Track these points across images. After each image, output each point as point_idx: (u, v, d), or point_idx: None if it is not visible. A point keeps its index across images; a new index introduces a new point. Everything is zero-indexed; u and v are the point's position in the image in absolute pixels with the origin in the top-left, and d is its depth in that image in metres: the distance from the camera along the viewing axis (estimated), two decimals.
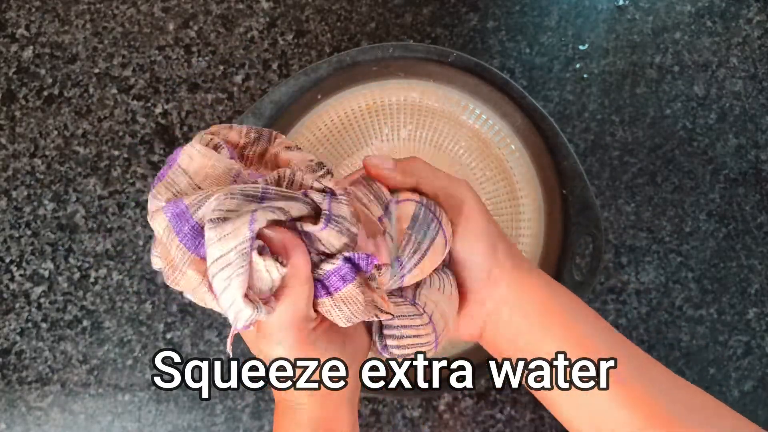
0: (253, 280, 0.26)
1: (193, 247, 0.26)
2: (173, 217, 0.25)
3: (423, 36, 0.62)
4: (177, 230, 0.25)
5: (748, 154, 0.61)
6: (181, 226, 0.25)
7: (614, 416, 0.30)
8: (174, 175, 0.27)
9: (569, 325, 0.33)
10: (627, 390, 0.30)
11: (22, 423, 0.56)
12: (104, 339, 0.57)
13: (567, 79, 0.61)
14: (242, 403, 0.57)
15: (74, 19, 0.62)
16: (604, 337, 0.33)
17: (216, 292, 0.26)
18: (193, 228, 0.25)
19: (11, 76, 0.61)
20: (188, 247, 0.26)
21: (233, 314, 0.26)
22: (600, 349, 0.32)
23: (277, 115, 0.50)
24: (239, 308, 0.25)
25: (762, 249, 0.59)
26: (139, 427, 0.56)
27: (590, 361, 0.31)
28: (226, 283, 0.25)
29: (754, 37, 0.63)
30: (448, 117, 0.54)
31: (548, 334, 0.33)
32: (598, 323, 0.34)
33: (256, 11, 0.62)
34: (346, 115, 0.54)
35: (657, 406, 0.29)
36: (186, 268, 0.26)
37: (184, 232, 0.25)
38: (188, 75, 0.61)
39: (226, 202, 0.25)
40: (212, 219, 0.25)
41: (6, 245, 0.59)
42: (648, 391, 0.30)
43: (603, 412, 0.31)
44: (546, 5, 0.63)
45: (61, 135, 0.60)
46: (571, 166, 0.50)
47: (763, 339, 0.58)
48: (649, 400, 0.30)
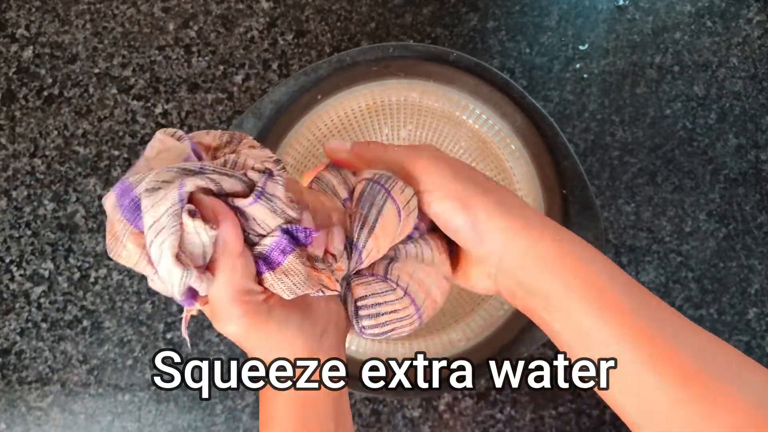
0: (184, 243, 0.27)
1: (132, 219, 0.27)
2: (119, 193, 0.27)
3: (423, 36, 0.62)
4: (120, 203, 0.27)
5: (748, 154, 0.61)
6: (123, 200, 0.27)
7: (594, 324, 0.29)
8: (137, 163, 0.29)
9: (582, 271, 0.31)
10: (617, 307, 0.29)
11: (22, 423, 0.56)
12: (104, 339, 0.57)
13: (567, 79, 0.61)
14: (242, 403, 0.57)
15: (74, 19, 0.62)
16: (617, 279, 0.31)
17: (154, 261, 0.27)
18: (132, 201, 0.27)
19: (11, 76, 0.61)
20: (128, 219, 0.27)
21: (168, 281, 0.27)
22: (615, 293, 0.30)
23: (277, 115, 0.50)
24: (170, 269, 0.26)
25: (762, 249, 0.59)
26: (139, 427, 0.56)
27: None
28: (160, 250, 0.26)
29: (754, 37, 0.63)
30: (448, 117, 0.54)
31: (562, 282, 0.31)
32: (608, 265, 0.32)
33: (256, 11, 0.62)
34: (346, 115, 0.54)
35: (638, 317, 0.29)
36: (126, 240, 0.27)
37: (125, 206, 0.27)
38: (188, 75, 0.61)
39: (163, 175, 0.27)
40: (147, 189, 0.26)
41: (6, 245, 0.59)
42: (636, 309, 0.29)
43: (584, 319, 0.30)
44: (546, 5, 0.63)
45: (61, 135, 0.60)
46: (571, 166, 0.50)
47: (763, 339, 0.58)
48: (630, 310, 0.29)
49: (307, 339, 0.32)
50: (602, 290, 0.30)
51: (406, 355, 0.50)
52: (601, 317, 0.30)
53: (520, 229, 0.32)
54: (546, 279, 0.31)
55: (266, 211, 0.28)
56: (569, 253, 0.31)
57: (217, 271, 0.28)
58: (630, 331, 0.29)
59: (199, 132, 0.31)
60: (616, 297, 0.30)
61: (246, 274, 0.28)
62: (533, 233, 0.32)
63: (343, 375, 0.32)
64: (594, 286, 0.30)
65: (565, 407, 0.57)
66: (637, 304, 0.30)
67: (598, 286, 0.30)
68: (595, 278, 0.31)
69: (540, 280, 0.32)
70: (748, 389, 0.27)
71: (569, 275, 0.31)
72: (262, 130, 0.50)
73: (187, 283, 0.26)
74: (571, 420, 0.57)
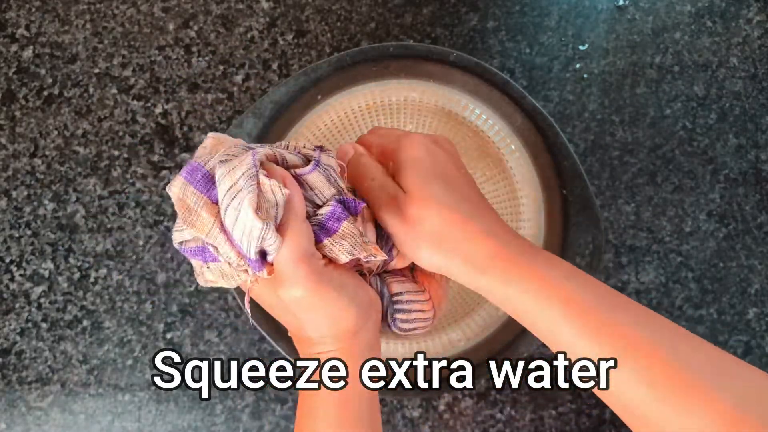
0: (260, 201, 0.29)
1: (205, 190, 0.29)
2: (187, 174, 0.30)
3: (423, 36, 0.62)
4: (190, 180, 0.29)
5: (748, 154, 0.61)
6: (194, 176, 0.30)
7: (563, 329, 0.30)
8: (196, 153, 0.32)
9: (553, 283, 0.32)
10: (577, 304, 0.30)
11: (22, 423, 0.56)
12: (104, 339, 0.57)
13: (567, 79, 0.61)
14: (242, 403, 0.57)
15: (74, 19, 0.62)
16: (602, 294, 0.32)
17: (228, 225, 0.29)
18: (204, 175, 0.30)
19: (11, 76, 0.61)
20: (200, 190, 0.29)
21: (246, 239, 0.29)
22: (599, 309, 0.31)
23: (277, 115, 0.50)
24: (252, 224, 0.28)
25: (762, 249, 0.59)
26: (139, 427, 0.56)
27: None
28: (237, 212, 0.28)
29: (754, 37, 0.63)
30: (448, 117, 0.54)
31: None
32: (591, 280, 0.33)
33: (256, 11, 0.62)
34: (346, 115, 0.54)
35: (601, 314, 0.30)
36: (200, 209, 0.29)
37: (197, 179, 0.29)
38: (188, 75, 0.61)
39: (232, 150, 0.30)
40: (220, 161, 0.29)
41: (6, 245, 0.59)
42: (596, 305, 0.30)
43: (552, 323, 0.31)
44: (546, 5, 0.63)
45: (61, 135, 0.60)
46: (571, 166, 0.50)
47: (763, 339, 0.58)
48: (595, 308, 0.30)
49: (359, 310, 0.33)
50: (571, 299, 0.31)
51: (406, 355, 0.50)
52: (577, 326, 0.31)
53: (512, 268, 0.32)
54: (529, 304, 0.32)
55: (322, 179, 0.32)
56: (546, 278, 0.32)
57: (285, 233, 0.30)
58: (599, 332, 0.30)
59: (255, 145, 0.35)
60: (582, 299, 0.31)
61: (309, 238, 0.31)
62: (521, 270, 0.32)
63: (383, 375, 0.34)
64: (570, 300, 0.31)
65: (565, 407, 0.57)
66: (597, 299, 0.31)
67: (573, 299, 0.31)
68: (571, 292, 0.31)
69: (524, 306, 0.32)
70: (725, 389, 0.28)
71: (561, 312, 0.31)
72: (262, 130, 0.50)
73: (264, 237, 0.28)
74: (571, 420, 0.57)
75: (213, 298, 0.58)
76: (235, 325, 0.57)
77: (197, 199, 0.29)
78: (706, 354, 0.30)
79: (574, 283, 0.31)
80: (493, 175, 0.54)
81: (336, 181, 0.32)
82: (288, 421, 0.56)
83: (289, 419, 0.56)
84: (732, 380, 0.28)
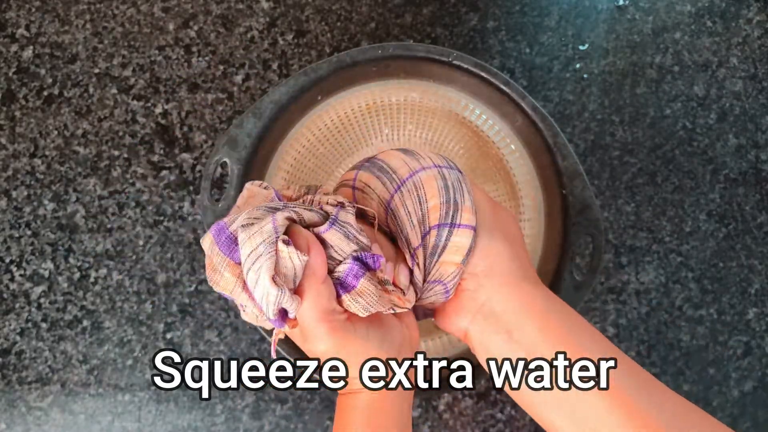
0: (279, 267, 0.30)
1: (228, 252, 0.31)
2: (215, 233, 0.32)
3: (423, 36, 0.62)
4: (217, 240, 0.31)
5: (748, 154, 0.61)
6: (219, 237, 0.31)
7: (604, 421, 0.30)
8: (231, 211, 0.34)
9: (563, 330, 0.33)
10: (619, 395, 0.30)
11: (22, 423, 0.56)
12: (104, 339, 0.57)
13: (567, 79, 0.61)
14: (242, 403, 0.57)
15: (74, 19, 0.62)
16: (598, 341, 0.33)
17: (249, 286, 0.31)
18: (228, 237, 0.31)
19: (11, 76, 0.61)
20: (224, 252, 0.31)
21: (264, 301, 0.30)
22: (593, 351, 0.32)
23: (278, 115, 0.50)
24: (267, 290, 0.30)
25: (762, 249, 0.59)
26: (139, 427, 0.56)
27: (590, 361, 0.31)
28: (257, 275, 0.30)
29: (754, 37, 0.63)
30: (448, 117, 0.54)
31: (545, 335, 0.33)
32: (592, 331, 0.34)
33: (256, 11, 0.62)
34: (346, 115, 0.54)
35: (647, 414, 0.30)
36: (223, 270, 0.31)
37: (222, 241, 0.31)
38: (188, 75, 0.61)
39: (254, 213, 0.32)
40: (242, 225, 0.31)
41: (6, 245, 0.59)
42: (639, 399, 0.30)
43: (593, 417, 0.31)
44: (546, 5, 0.63)
45: (61, 135, 0.60)
46: (571, 166, 0.50)
47: (763, 339, 0.58)
48: (639, 406, 0.30)
49: (389, 353, 0.35)
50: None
51: None
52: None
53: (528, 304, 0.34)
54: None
55: (340, 237, 0.33)
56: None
57: (305, 294, 0.31)
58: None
59: (281, 186, 0.35)
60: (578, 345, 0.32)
61: (330, 297, 0.32)
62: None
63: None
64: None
65: None
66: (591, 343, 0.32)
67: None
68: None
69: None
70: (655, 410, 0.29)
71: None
72: (262, 130, 0.50)
73: (280, 302, 0.30)
74: None
75: (213, 298, 0.58)
76: (235, 325, 0.58)
77: (221, 260, 0.31)
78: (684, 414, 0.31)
79: (620, 374, 0.32)
80: (492, 175, 0.54)
81: (355, 237, 0.33)
82: (288, 421, 0.56)
83: (289, 419, 0.56)
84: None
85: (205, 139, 0.60)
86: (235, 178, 0.49)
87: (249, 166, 0.49)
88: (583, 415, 0.31)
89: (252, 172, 0.49)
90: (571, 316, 0.34)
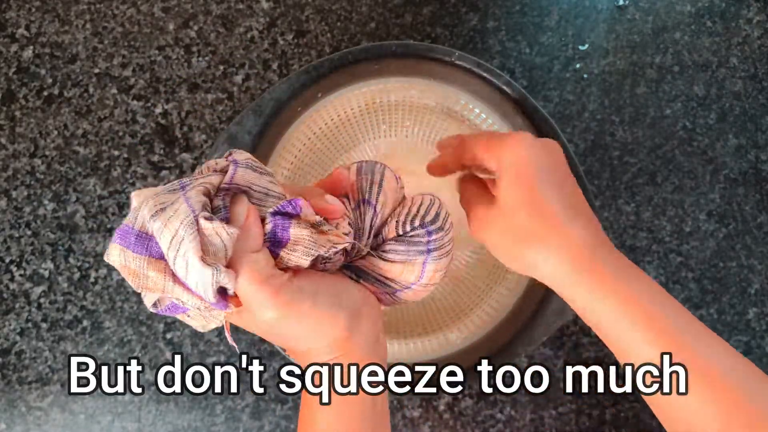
0: (205, 246, 0.28)
1: (143, 249, 0.28)
2: (120, 239, 0.28)
3: (423, 36, 0.62)
4: (125, 245, 0.28)
5: (748, 154, 0.61)
6: (127, 240, 0.28)
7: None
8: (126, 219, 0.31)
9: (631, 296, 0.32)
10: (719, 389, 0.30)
11: (22, 423, 0.56)
12: (104, 339, 0.57)
13: (567, 79, 0.61)
14: (242, 403, 0.57)
15: (74, 19, 0.62)
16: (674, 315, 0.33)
17: (180, 275, 0.28)
18: (137, 235, 0.28)
19: (11, 76, 0.61)
20: (140, 252, 0.28)
21: (201, 285, 0.28)
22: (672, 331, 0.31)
23: (278, 113, 0.50)
24: (200, 272, 0.27)
25: (762, 249, 0.59)
26: (139, 427, 0.56)
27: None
28: (185, 260, 0.28)
29: (754, 37, 0.63)
30: (447, 116, 0.54)
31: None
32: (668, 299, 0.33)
33: (256, 11, 0.62)
34: (346, 113, 0.54)
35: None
36: (147, 271, 0.29)
37: (132, 242, 0.28)
38: (188, 75, 0.61)
39: (159, 198, 0.29)
40: (152, 215, 0.28)
41: (6, 245, 0.59)
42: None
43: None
44: (546, 5, 0.63)
45: (61, 135, 0.60)
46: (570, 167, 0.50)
47: (763, 339, 0.58)
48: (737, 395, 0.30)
49: (346, 312, 0.32)
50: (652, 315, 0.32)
51: (400, 354, 0.50)
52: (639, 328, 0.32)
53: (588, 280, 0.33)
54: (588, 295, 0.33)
55: (253, 174, 0.31)
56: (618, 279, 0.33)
57: (239, 265, 0.29)
58: (671, 347, 0.31)
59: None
60: (658, 315, 0.32)
61: (267, 261, 0.30)
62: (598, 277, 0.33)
63: (382, 380, 0.32)
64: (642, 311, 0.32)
65: (565, 407, 0.57)
66: (674, 318, 0.32)
67: (646, 311, 0.32)
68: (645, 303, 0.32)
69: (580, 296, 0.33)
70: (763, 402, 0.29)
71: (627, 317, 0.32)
72: (262, 127, 0.50)
73: (218, 281, 0.28)
74: (571, 420, 0.57)
75: None
76: (235, 326, 0.57)
77: (139, 261, 0.28)
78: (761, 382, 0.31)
79: (659, 306, 0.32)
80: None
81: (261, 168, 0.31)
82: (288, 421, 0.56)
83: (290, 419, 0.56)
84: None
85: (205, 139, 0.60)
86: None
87: None
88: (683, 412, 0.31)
89: None
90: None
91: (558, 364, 0.57)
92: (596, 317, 0.33)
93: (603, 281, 0.33)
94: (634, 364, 0.32)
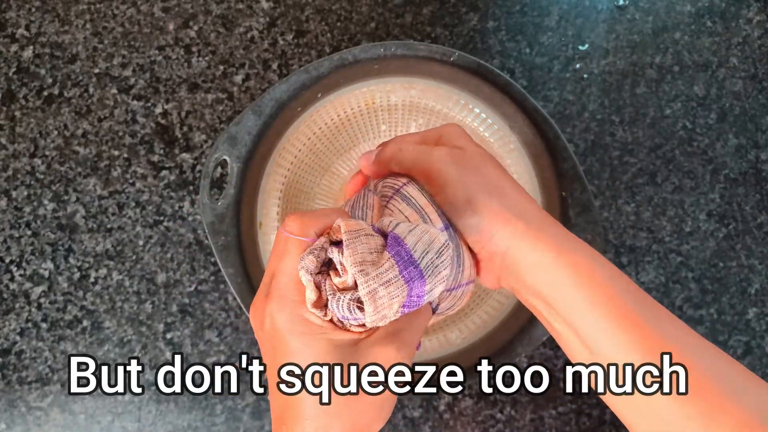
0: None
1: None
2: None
3: (423, 36, 0.62)
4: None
5: (748, 154, 0.61)
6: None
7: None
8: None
9: (584, 273, 0.31)
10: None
11: (22, 423, 0.56)
12: (104, 339, 0.57)
13: (567, 79, 0.61)
14: (242, 403, 0.57)
15: (74, 19, 0.62)
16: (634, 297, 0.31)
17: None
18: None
19: (11, 76, 0.61)
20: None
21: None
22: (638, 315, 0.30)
23: (278, 113, 0.50)
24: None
25: (762, 249, 0.59)
26: (139, 427, 0.56)
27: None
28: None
29: (754, 37, 0.63)
30: (448, 116, 0.54)
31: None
32: (609, 267, 0.32)
33: (256, 11, 0.62)
34: (345, 113, 0.54)
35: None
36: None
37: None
38: (188, 75, 0.61)
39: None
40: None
41: (6, 245, 0.59)
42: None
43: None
44: (546, 5, 0.63)
45: (61, 135, 0.60)
46: (570, 168, 0.50)
47: (763, 339, 0.58)
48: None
49: None
50: (610, 296, 0.30)
51: None
52: (613, 326, 0.30)
53: (522, 232, 0.32)
54: (546, 282, 0.32)
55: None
56: (569, 253, 0.32)
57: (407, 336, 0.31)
58: (641, 341, 0.29)
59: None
60: (624, 304, 0.30)
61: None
62: (536, 236, 0.32)
63: (382, 380, 0.32)
64: (600, 290, 0.31)
65: (565, 407, 0.57)
66: (644, 310, 0.30)
67: (605, 292, 0.30)
68: (599, 280, 0.31)
69: (541, 282, 0.32)
70: (751, 405, 0.28)
71: (571, 278, 0.31)
72: (262, 127, 0.50)
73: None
74: (571, 420, 0.57)
75: (213, 298, 0.58)
76: (236, 325, 0.57)
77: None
78: (730, 365, 0.30)
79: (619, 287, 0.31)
80: None
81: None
82: None
83: None
84: (757, 393, 0.28)
85: (205, 139, 0.60)
86: (235, 176, 0.49)
87: (248, 163, 0.49)
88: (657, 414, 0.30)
89: (251, 169, 0.50)
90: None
91: (558, 364, 0.57)
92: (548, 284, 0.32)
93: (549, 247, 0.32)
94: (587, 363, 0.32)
